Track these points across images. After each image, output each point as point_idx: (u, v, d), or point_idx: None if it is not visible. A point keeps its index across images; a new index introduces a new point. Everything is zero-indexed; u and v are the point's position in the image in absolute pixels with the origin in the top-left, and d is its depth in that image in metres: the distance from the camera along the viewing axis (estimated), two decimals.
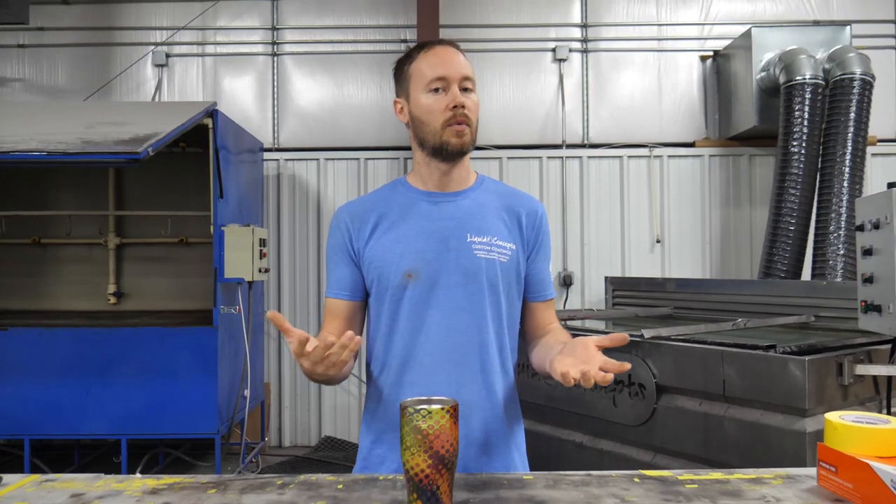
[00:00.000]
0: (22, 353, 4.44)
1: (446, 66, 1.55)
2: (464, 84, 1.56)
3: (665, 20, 6.13)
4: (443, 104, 1.54)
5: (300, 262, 6.06)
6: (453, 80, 1.54)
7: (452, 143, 1.54)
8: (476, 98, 1.58)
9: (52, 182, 5.92)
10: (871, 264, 2.86)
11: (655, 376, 3.07)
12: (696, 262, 6.02)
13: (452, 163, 1.60)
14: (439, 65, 1.56)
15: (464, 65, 1.57)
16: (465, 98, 1.55)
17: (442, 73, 1.54)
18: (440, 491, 1.06)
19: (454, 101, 1.53)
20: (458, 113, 1.53)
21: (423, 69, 1.57)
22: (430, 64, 1.56)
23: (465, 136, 1.55)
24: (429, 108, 1.55)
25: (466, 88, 1.56)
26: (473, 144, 1.59)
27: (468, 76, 1.56)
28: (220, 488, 1.22)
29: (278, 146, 6.15)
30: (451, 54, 1.58)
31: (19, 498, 1.18)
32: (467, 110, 1.54)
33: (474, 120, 1.57)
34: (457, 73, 1.55)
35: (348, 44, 6.19)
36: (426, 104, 1.56)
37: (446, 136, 1.54)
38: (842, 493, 1.12)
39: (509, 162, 6.05)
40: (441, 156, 1.57)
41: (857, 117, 4.88)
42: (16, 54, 6.21)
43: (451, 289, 1.54)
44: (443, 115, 1.54)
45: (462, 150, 1.57)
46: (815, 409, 2.57)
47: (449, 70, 1.55)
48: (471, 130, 1.56)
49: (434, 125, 1.55)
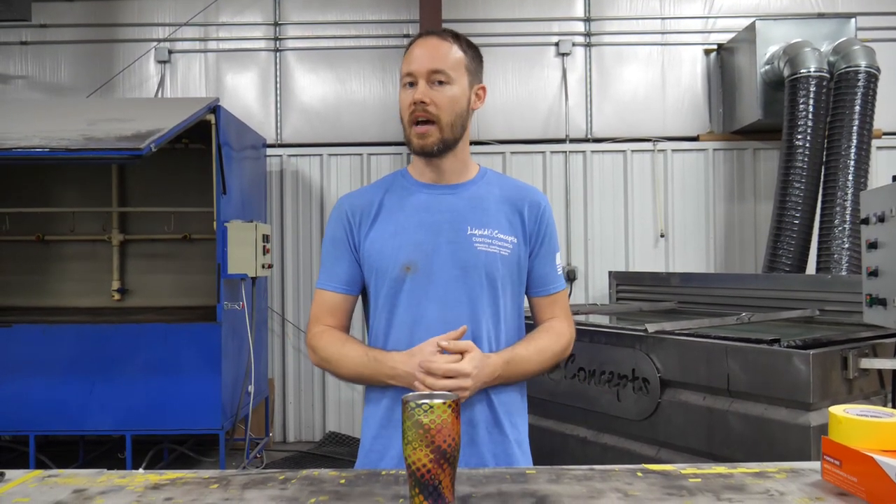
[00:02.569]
0: (26, 350, 4.45)
1: (413, 61, 1.53)
2: (434, 77, 1.52)
3: (669, 13, 6.11)
4: (407, 101, 1.53)
5: (303, 257, 6.06)
6: (419, 75, 1.52)
7: (414, 143, 1.54)
8: (451, 92, 1.53)
9: (55, 179, 5.93)
10: (876, 258, 2.85)
11: (659, 371, 3.06)
12: (700, 256, 6.00)
13: (434, 158, 1.58)
14: (410, 59, 1.55)
15: (435, 58, 1.52)
16: (435, 92, 1.51)
17: (409, 69, 1.53)
18: (442, 485, 1.06)
19: (413, 97, 1.51)
20: (417, 109, 1.51)
21: (403, 64, 1.57)
22: (407, 59, 1.56)
23: (428, 138, 1.52)
24: (401, 104, 1.55)
25: (439, 81, 1.52)
26: (443, 143, 1.54)
27: (438, 69, 1.52)
28: (222, 483, 1.22)
29: (281, 142, 6.15)
30: (427, 47, 1.55)
31: (22, 494, 1.18)
32: (430, 106, 1.51)
33: (445, 115, 1.52)
34: (422, 68, 1.52)
35: (351, 39, 6.18)
36: (400, 98, 1.56)
37: (411, 136, 1.54)
38: (846, 487, 1.11)
39: (512, 157, 6.03)
40: (415, 154, 1.57)
41: (861, 110, 4.86)
42: (18, 51, 6.22)
43: (450, 282, 1.54)
44: (407, 112, 1.53)
45: (424, 152, 1.54)
46: (820, 404, 2.56)
47: (415, 65, 1.53)
48: (437, 128, 1.52)
49: (404, 121, 1.55)
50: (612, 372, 3.28)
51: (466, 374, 1.41)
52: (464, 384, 1.41)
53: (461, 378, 1.41)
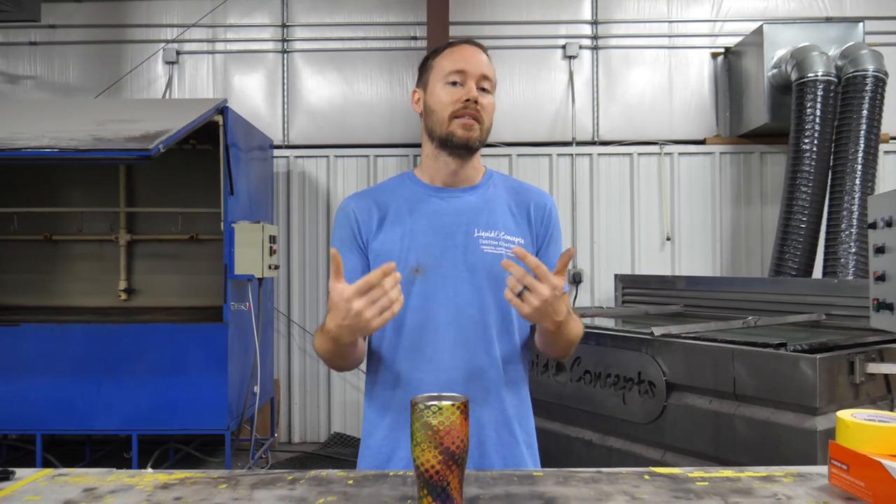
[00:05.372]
0: (34, 350, 4.47)
1: (467, 62, 1.57)
2: (482, 83, 1.57)
3: (676, 17, 6.10)
4: (456, 96, 1.55)
5: (310, 258, 6.07)
6: (471, 76, 1.56)
7: (458, 134, 1.55)
8: (492, 100, 1.59)
9: (63, 179, 5.95)
10: (883, 262, 2.84)
11: (665, 374, 3.06)
12: (707, 259, 5.99)
13: (460, 159, 1.59)
14: (461, 59, 1.58)
15: (485, 64, 1.59)
16: (481, 96, 1.56)
17: (462, 67, 1.56)
18: (450, 487, 1.06)
19: (468, 95, 1.54)
20: (470, 106, 1.54)
21: (445, 62, 1.59)
22: (452, 58, 1.58)
23: (473, 131, 1.55)
24: (441, 98, 1.57)
25: (484, 88, 1.58)
26: (481, 142, 1.59)
27: (488, 76, 1.58)
28: (231, 483, 1.23)
29: (288, 143, 6.16)
30: (475, 53, 1.60)
31: (32, 492, 1.19)
32: (480, 107, 1.55)
33: (487, 119, 1.57)
34: (476, 70, 1.56)
35: (358, 41, 6.19)
36: (440, 94, 1.57)
37: (453, 126, 1.55)
38: (854, 492, 1.11)
39: (519, 159, 6.04)
40: (448, 148, 1.57)
41: (869, 114, 4.84)
42: (28, 52, 6.25)
43: (458, 284, 1.54)
44: (453, 107, 1.55)
45: (467, 144, 1.56)
46: (826, 408, 2.56)
47: (469, 65, 1.56)
48: (480, 127, 1.56)
49: (443, 115, 1.56)
50: (617, 375, 3.28)
51: (553, 284, 1.32)
52: (542, 290, 1.32)
53: (545, 283, 1.32)
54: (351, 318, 1.30)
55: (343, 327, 1.33)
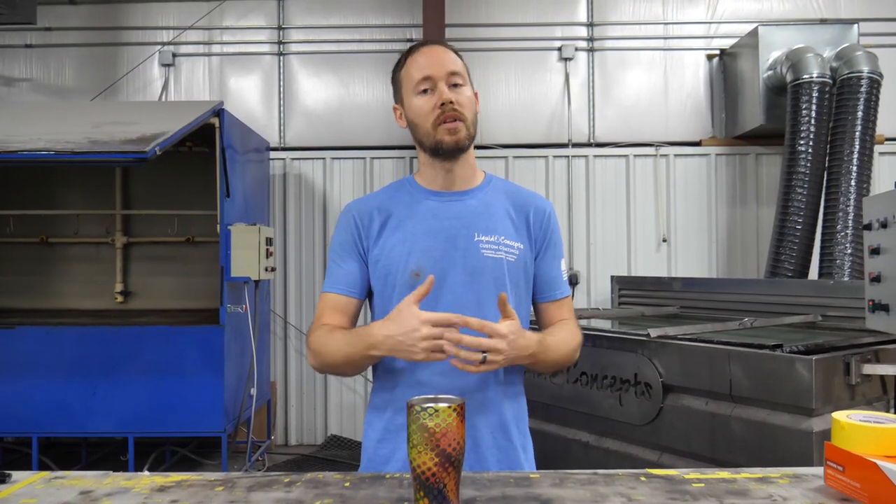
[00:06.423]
0: (30, 352, 4.46)
1: (431, 66, 1.56)
2: (452, 80, 1.56)
3: (671, 19, 6.12)
4: (430, 104, 1.55)
5: (306, 260, 6.07)
6: (439, 78, 1.55)
7: (446, 141, 1.55)
8: (469, 92, 1.58)
9: (59, 181, 5.94)
10: (878, 263, 2.85)
11: (662, 375, 3.07)
12: (703, 261, 6.00)
13: (454, 160, 1.60)
14: (425, 65, 1.57)
15: (449, 61, 1.57)
16: (455, 93, 1.55)
17: (427, 73, 1.55)
18: (447, 489, 1.07)
19: (441, 99, 1.53)
20: (447, 109, 1.53)
21: (411, 72, 1.58)
22: (416, 66, 1.58)
23: (459, 133, 1.55)
24: (419, 110, 1.57)
25: (456, 84, 1.56)
26: (471, 139, 1.59)
27: (455, 71, 1.57)
28: (228, 486, 1.23)
29: (284, 145, 6.16)
30: (435, 53, 1.59)
31: (29, 495, 1.19)
32: (457, 105, 1.54)
33: (469, 114, 1.57)
34: (441, 70, 1.55)
35: (354, 43, 6.20)
36: (417, 106, 1.57)
37: (439, 135, 1.55)
38: (849, 493, 1.11)
39: (515, 161, 6.04)
40: (440, 155, 1.58)
41: (864, 116, 4.86)
42: (23, 54, 6.24)
43: (458, 288, 1.54)
44: (432, 115, 1.55)
45: (458, 147, 1.56)
46: (822, 409, 2.56)
47: (433, 69, 1.55)
48: (465, 125, 1.56)
49: (426, 126, 1.56)
50: (614, 376, 3.28)
51: (503, 334, 1.37)
52: (499, 346, 1.37)
53: (497, 338, 1.37)
54: (410, 336, 1.34)
55: (393, 339, 1.37)
